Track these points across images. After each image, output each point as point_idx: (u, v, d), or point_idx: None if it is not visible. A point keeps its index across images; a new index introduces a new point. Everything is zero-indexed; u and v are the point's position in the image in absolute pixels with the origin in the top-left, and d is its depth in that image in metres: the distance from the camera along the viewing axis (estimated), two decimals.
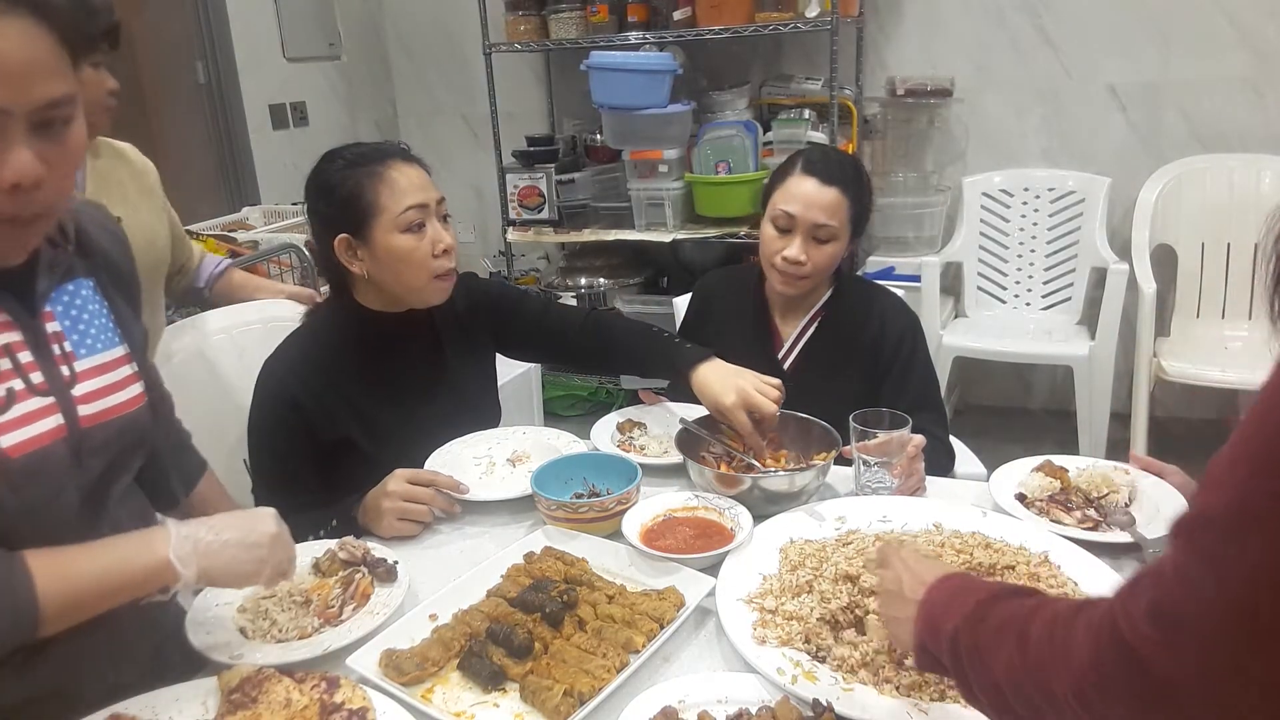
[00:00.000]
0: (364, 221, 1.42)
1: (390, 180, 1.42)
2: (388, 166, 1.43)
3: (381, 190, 1.42)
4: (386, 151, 1.46)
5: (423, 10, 4.17)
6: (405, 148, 1.49)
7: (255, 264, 2.39)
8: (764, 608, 1.09)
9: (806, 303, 1.75)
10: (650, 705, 0.94)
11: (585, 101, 3.27)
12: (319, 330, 1.52)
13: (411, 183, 1.44)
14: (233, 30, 3.46)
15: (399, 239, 1.42)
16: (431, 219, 1.45)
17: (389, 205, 1.41)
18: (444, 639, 1.05)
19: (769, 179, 1.74)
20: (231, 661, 1.03)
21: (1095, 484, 1.34)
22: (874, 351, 1.71)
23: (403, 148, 1.49)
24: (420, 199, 1.43)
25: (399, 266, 1.44)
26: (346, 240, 1.44)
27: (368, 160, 1.44)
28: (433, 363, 1.58)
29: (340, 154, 1.47)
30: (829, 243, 1.65)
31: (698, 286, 1.94)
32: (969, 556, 1.13)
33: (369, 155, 1.45)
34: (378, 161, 1.43)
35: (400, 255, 1.43)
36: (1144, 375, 2.94)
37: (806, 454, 1.46)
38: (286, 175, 3.68)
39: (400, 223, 1.42)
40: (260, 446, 1.48)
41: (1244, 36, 3.13)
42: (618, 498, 1.29)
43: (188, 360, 1.69)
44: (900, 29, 3.51)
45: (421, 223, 1.43)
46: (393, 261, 1.43)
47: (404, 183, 1.43)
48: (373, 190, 1.41)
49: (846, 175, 1.66)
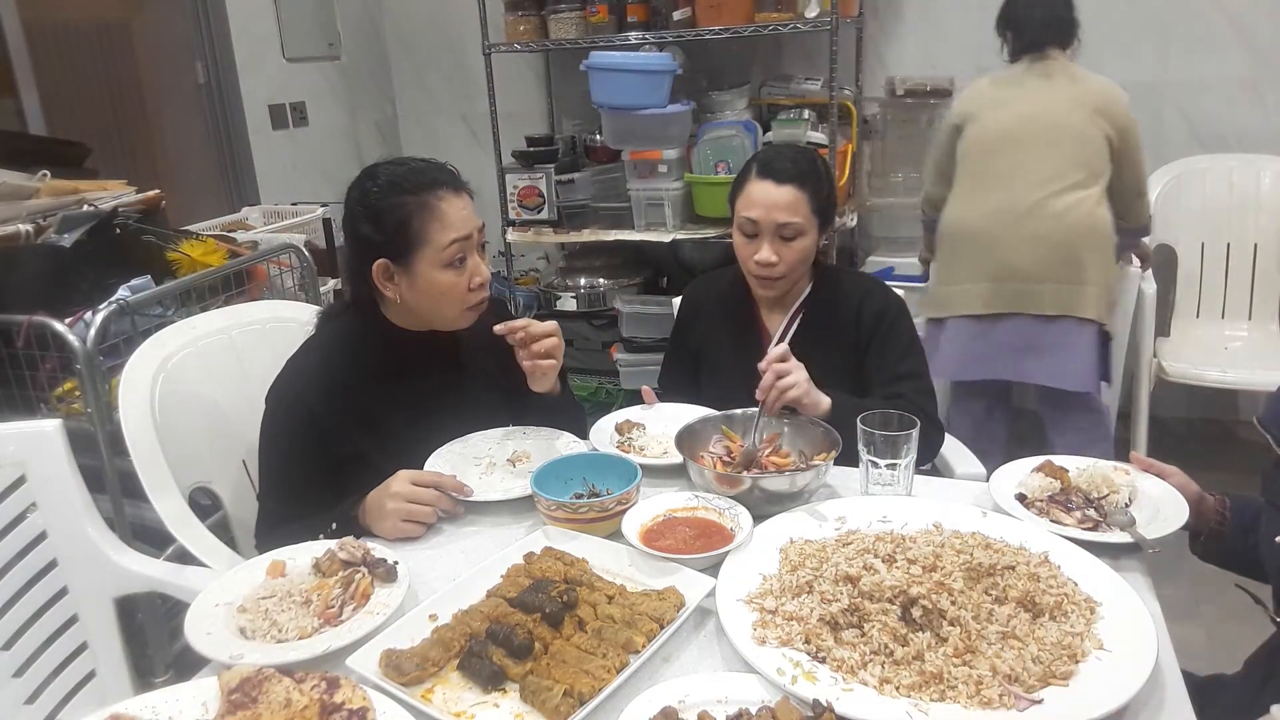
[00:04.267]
0: (408, 251, 1.41)
1: (440, 213, 1.41)
2: (438, 197, 1.41)
3: (430, 223, 1.40)
4: (436, 177, 1.43)
5: (423, 10, 4.17)
6: (454, 171, 1.47)
7: (255, 264, 2.39)
8: (764, 608, 1.09)
9: (789, 298, 1.78)
10: (650, 705, 0.94)
11: (585, 101, 3.27)
12: (339, 341, 1.51)
13: (459, 214, 1.43)
14: (232, 30, 3.46)
15: (441, 274, 1.42)
16: (472, 251, 1.45)
17: (436, 239, 1.41)
18: (444, 639, 1.05)
19: (731, 187, 1.76)
20: (231, 661, 1.02)
21: (1095, 484, 1.34)
22: (857, 332, 1.73)
23: (451, 170, 1.47)
24: (465, 231, 1.43)
25: (437, 298, 1.45)
26: (386, 266, 1.43)
27: (417, 187, 1.41)
28: (450, 382, 1.57)
29: (385, 172, 1.44)
30: (796, 239, 1.67)
31: (685, 292, 1.96)
32: (969, 556, 1.13)
33: (418, 180, 1.42)
34: (427, 189, 1.41)
35: (440, 290, 1.43)
36: (1145, 376, 2.94)
37: (807, 454, 1.46)
38: (286, 175, 3.67)
39: (444, 258, 1.41)
40: (271, 455, 1.48)
41: (1244, 37, 3.13)
42: (618, 498, 1.29)
43: (186, 360, 1.68)
44: (900, 29, 3.51)
45: (463, 256, 1.43)
46: (431, 294, 1.44)
47: (452, 216, 1.42)
48: (420, 221, 1.40)
49: (802, 170, 1.67)
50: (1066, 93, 2.52)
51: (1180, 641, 1.05)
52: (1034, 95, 2.54)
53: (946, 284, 2.65)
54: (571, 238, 3.40)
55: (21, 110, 2.87)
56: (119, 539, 1.49)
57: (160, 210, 2.47)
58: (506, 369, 1.53)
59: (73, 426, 1.53)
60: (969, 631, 1.01)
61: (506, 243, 3.55)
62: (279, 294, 2.42)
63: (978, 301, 2.56)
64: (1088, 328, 2.50)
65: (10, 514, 1.42)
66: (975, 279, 2.55)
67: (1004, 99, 2.57)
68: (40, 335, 1.91)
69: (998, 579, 1.10)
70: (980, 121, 2.58)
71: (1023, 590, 1.07)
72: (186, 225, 2.64)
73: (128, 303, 1.95)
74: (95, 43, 3.18)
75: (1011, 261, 2.49)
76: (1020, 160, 2.51)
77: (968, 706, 0.93)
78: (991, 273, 2.53)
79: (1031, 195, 2.48)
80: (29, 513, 1.44)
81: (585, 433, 1.61)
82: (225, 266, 2.25)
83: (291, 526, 1.36)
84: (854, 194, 3.48)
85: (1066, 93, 2.52)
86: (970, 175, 2.61)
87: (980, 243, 2.54)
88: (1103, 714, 0.91)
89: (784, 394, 1.48)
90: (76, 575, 1.46)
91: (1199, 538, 1.33)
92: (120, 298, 1.96)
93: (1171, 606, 1.09)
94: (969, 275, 2.57)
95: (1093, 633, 1.03)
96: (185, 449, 1.61)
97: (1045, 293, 2.49)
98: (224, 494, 1.66)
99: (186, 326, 1.75)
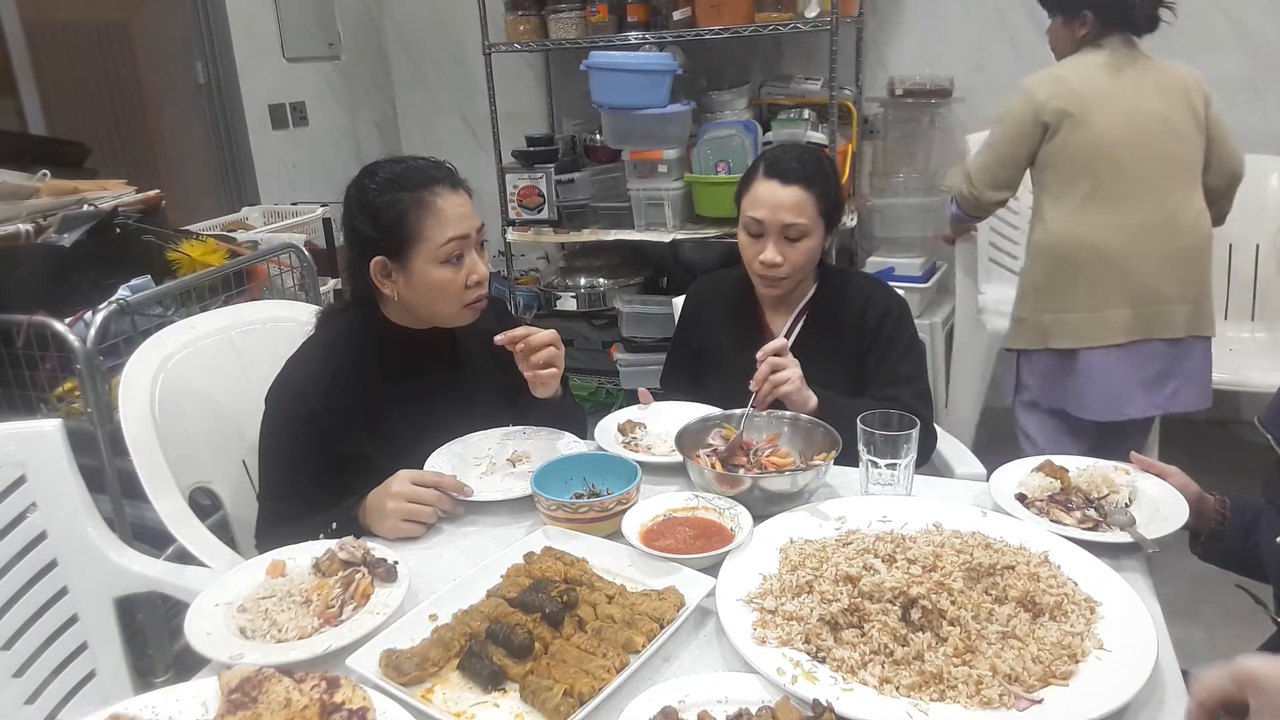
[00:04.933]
0: (404, 248, 1.42)
1: (436, 210, 1.41)
2: (435, 194, 1.42)
3: (426, 220, 1.41)
4: (433, 175, 1.44)
5: (422, 10, 4.17)
6: (451, 169, 1.48)
7: (255, 264, 2.39)
8: (764, 608, 1.09)
9: (793, 298, 1.77)
10: (650, 705, 0.94)
11: (585, 101, 3.27)
12: (339, 341, 1.52)
13: (456, 212, 1.43)
14: (232, 30, 3.46)
15: (437, 270, 1.42)
16: (470, 249, 1.45)
17: (432, 236, 1.41)
18: (444, 639, 1.05)
19: (737, 185, 1.75)
20: (231, 661, 1.02)
21: (1095, 484, 1.34)
22: (860, 334, 1.73)
23: (449, 169, 1.47)
24: (463, 229, 1.43)
25: (434, 295, 1.45)
26: (383, 263, 1.43)
27: (414, 184, 1.42)
28: (451, 382, 1.57)
29: (384, 169, 1.44)
30: (801, 240, 1.66)
31: (689, 291, 1.95)
32: (969, 556, 1.13)
33: (415, 178, 1.42)
34: (424, 186, 1.42)
35: (437, 286, 1.43)
36: None
37: (807, 454, 1.46)
38: (286, 175, 3.67)
39: (441, 254, 1.42)
40: (271, 455, 1.48)
41: (1244, 36, 3.12)
42: (618, 498, 1.29)
43: (186, 360, 1.68)
44: (900, 29, 3.51)
45: (461, 254, 1.43)
46: (427, 290, 1.44)
47: (449, 213, 1.42)
48: (416, 218, 1.40)
49: (809, 171, 1.66)
50: (1162, 83, 2.27)
51: (1180, 641, 1.05)
52: (1136, 89, 2.25)
53: (1071, 310, 2.28)
54: (571, 238, 3.40)
55: (21, 110, 2.87)
56: (119, 539, 1.49)
57: (160, 210, 2.47)
58: (507, 369, 1.53)
59: (73, 426, 1.53)
60: (969, 631, 1.01)
61: (506, 242, 3.55)
62: (279, 294, 2.42)
63: (1120, 329, 2.24)
64: (1205, 344, 2.32)
65: (10, 514, 1.42)
66: (1114, 304, 2.24)
67: (1106, 94, 2.24)
68: (40, 335, 1.91)
69: (998, 579, 1.10)
70: (1086, 123, 2.22)
71: (1023, 590, 1.07)
72: (186, 225, 2.64)
73: (128, 303, 1.95)
74: (95, 42, 3.18)
75: (1151, 283, 2.23)
76: (1144, 168, 2.23)
77: (968, 706, 0.93)
78: (1132, 296, 2.23)
79: (1163, 208, 2.23)
80: (29, 513, 1.44)
81: (585, 434, 1.61)
82: (225, 266, 2.25)
83: (291, 526, 1.36)
84: (854, 194, 3.48)
85: (1162, 83, 2.27)
86: (1082, 184, 2.25)
87: (1116, 263, 2.23)
88: (1103, 714, 0.91)
89: (777, 387, 1.48)
90: (76, 575, 1.46)
91: (1199, 538, 1.33)
92: (120, 298, 1.96)
93: (1171, 606, 1.09)
94: (1105, 300, 2.25)
95: (1093, 633, 1.03)
96: (185, 449, 1.61)
97: (1177, 314, 2.25)
98: (224, 494, 1.66)
99: (186, 326, 1.75)
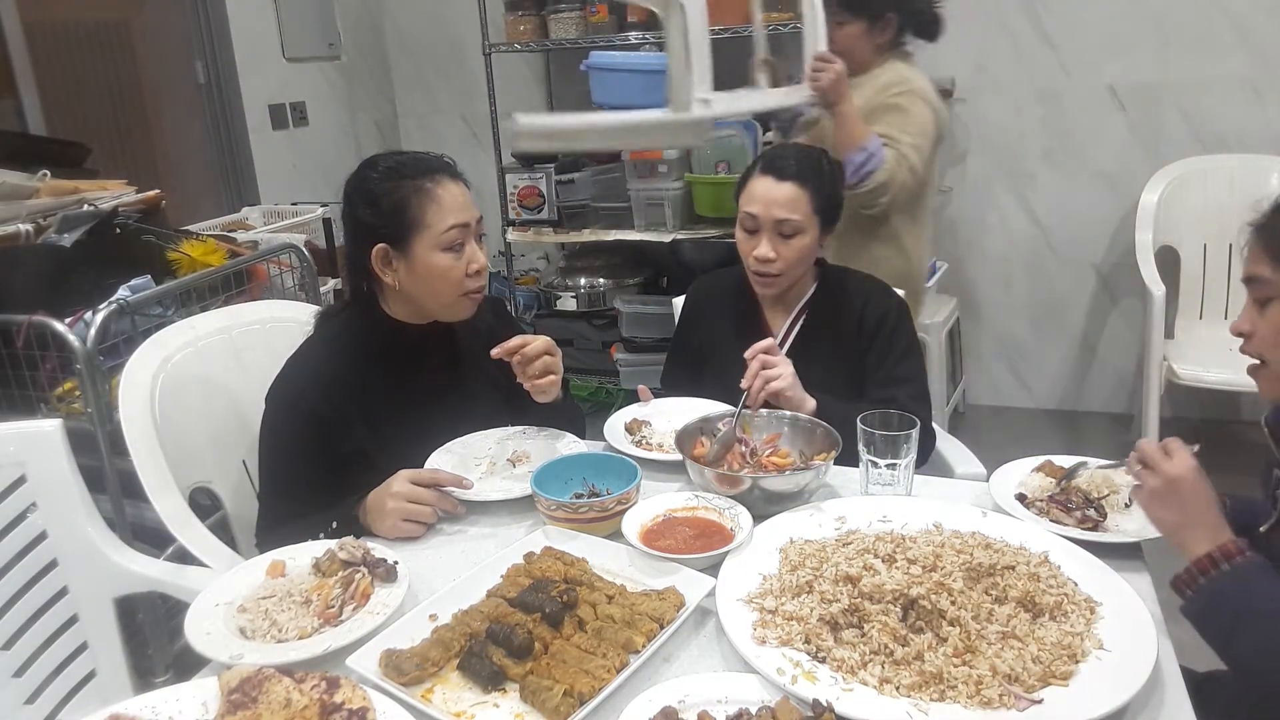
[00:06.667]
0: (406, 235, 1.42)
1: (437, 197, 1.42)
2: (436, 183, 1.43)
3: (428, 206, 1.42)
4: (434, 165, 1.45)
5: (423, 10, 4.17)
6: (451, 162, 1.49)
7: (255, 264, 2.39)
8: (764, 608, 1.09)
9: (793, 297, 1.77)
10: (650, 705, 0.94)
11: (585, 101, 3.25)
12: (339, 339, 1.52)
13: (456, 201, 1.44)
14: (232, 30, 3.46)
15: (439, 257, 1.43)
16: (470, 239, 1.46)
17: (434, 222, 1.42)
18: (444, 639, 1.04)
19: (736, 184, 1.76)
20: (231, 661, 1.02)
21: (1095, 484, 1.34)
22: (859, 334, 1.73)
23: (448, 162, 1.48)
24: (463, 218, 1.44)
25: (434, 282, 1.45)
26: (384, 250, 1.44)
27: (415, 173, 1.43)
28: (451, 381, 1.58)
29: (384, 161, 1.46)
30: (795, 237, 1.67)
31: (690, 290, 1.96)
32: (969, 556, 1.13)
33: (416, 167, 1.44)
34: (425, 175, 1.43)
35: (438, 273, 1.44)
36: (1155, 378, 2.92)
37: (807, 454, 1.46)
38: (286, 175, 3.67)
39: (442, 241, 1.42)
40: (271, 454, 1.48)
41: (1244, 36, 3.13)
42: (618, 498, 1.29)
43: (186, 360, 1.68)
44: None
45: (462, 243, 1.44)
46: (429, 277, 1.44)
47: (449, 201, 1.43)
48: (419, 205, 1.41)
49: (804, 169, 1.67)
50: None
51: (1180, 641, 1.05)
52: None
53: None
54: (571, 238, 3.41)
55: (21, 110, 2.87)
56: (119, 539, 1.49)
57: (160, 210, 2.47)
58: (507, 369, 1.53)
59: (73, 426, 1.53)
60: (969, 631, 1.01)
61: (506, 243, 3.55)
62: (279, 294, 2.42)
63: None
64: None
65: (10, 514, 1.42)
66: None
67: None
68: (40, 335, 1.91)
69: (998, 579, 1.10)
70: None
71: (1023, 590, 1.07)
72: (186, 225, 2.64)
73: (128, 303, 1.95)
74: (95, 42, 3.18)
75: None
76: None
77: (968, 706, 0.93)
78: None
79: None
80: (29, 513, 1.44)
81: (584, 434, 1.61)
82: (225, 266, 2.26)
83: (292, 526, 1.36)
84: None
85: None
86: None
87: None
88: (1103, 714, 0.91)
89: (768, 384, 1.49)
90: (76, 575, 1.46)
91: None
92: (120, 298, 1.96)
93: (1171, 606, 1.09)
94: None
95: (1093, 633, 1.03)
96: (185, 449, 1.61)
97: None
98: (224, 494, 1.66)
99: (186, 326, 1.75)
